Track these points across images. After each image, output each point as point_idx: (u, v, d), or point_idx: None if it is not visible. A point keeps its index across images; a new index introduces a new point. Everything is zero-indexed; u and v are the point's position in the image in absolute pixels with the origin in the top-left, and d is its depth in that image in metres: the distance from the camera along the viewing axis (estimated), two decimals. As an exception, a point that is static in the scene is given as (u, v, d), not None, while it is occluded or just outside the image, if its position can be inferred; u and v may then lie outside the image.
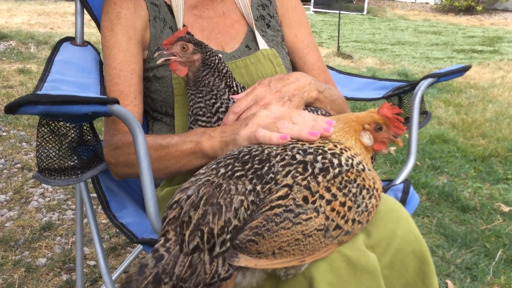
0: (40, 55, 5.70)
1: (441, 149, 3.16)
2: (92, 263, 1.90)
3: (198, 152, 0.98)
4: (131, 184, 1.38)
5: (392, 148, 3.12)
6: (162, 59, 1.05)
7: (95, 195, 2.15)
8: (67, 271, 1.84)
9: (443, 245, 2.06)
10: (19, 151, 2.95)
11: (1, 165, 2.75)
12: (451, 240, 2.10)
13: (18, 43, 6.27)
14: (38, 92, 0.94)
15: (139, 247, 1.82)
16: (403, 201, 1.07)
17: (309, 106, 1.14)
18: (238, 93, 1.09)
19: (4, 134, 3.22)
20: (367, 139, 0.86)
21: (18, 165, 2.76)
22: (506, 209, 2.38)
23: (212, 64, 1.06)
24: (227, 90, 1.08)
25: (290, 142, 0.81)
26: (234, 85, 1.09)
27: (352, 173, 0.76)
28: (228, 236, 0.71)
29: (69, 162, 0.89)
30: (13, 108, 0.73)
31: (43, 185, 2.53)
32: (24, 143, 3.08)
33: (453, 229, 2.18)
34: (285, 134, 0.82)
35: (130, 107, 1.15)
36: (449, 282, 1.80)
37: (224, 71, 1.08)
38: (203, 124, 1.07)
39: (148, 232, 1.04)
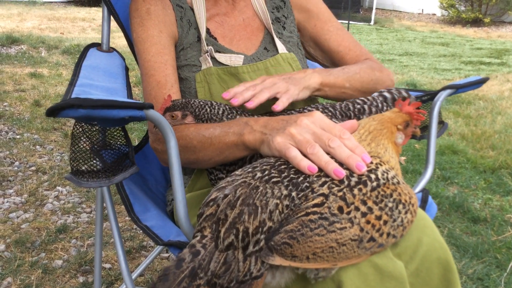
0: (51, 59, 5.74)
1: (451, 160, 3.17)
2: (107, 265, 1.91)
3: (241, 145, 0.98)
4: (152, 188, 1.40)
5: (402, 158, 3.13)
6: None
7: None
8: (83, 273, 1.86)
9: (454, 256, 2.07)
10: (33, 154, 2.98)
11: (16, 168, 2.78)
12: (462, 251, 2.11)
13: (29, 47, 6.32)
14: (72, 96, 0.96)
15: (155, 251, 1.84)
16: (422, 209, 1.08)
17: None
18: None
19: (18, 137, 3.25)
20: (400, 138, 0.91)
21: (33, 168, 2.79)
22: (516, 221, 2.39)
23: (206, 116, 1.09)
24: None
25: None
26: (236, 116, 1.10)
27: (388, 187, 0.78)
28: (262, 236, 0.73)
29: (101, 165, 0.92)
30: (55, 112, 0.74)
31: (57, 188, 2.55)
32: (38, 146, 3.11)
33: (464, 239, 2.19)
34: (313, 166, 0.80)
35: None
36: (461, 292, 1.81)
37: (220, 112, 1.09)
38: None
39: (174, 235, 1.06)
